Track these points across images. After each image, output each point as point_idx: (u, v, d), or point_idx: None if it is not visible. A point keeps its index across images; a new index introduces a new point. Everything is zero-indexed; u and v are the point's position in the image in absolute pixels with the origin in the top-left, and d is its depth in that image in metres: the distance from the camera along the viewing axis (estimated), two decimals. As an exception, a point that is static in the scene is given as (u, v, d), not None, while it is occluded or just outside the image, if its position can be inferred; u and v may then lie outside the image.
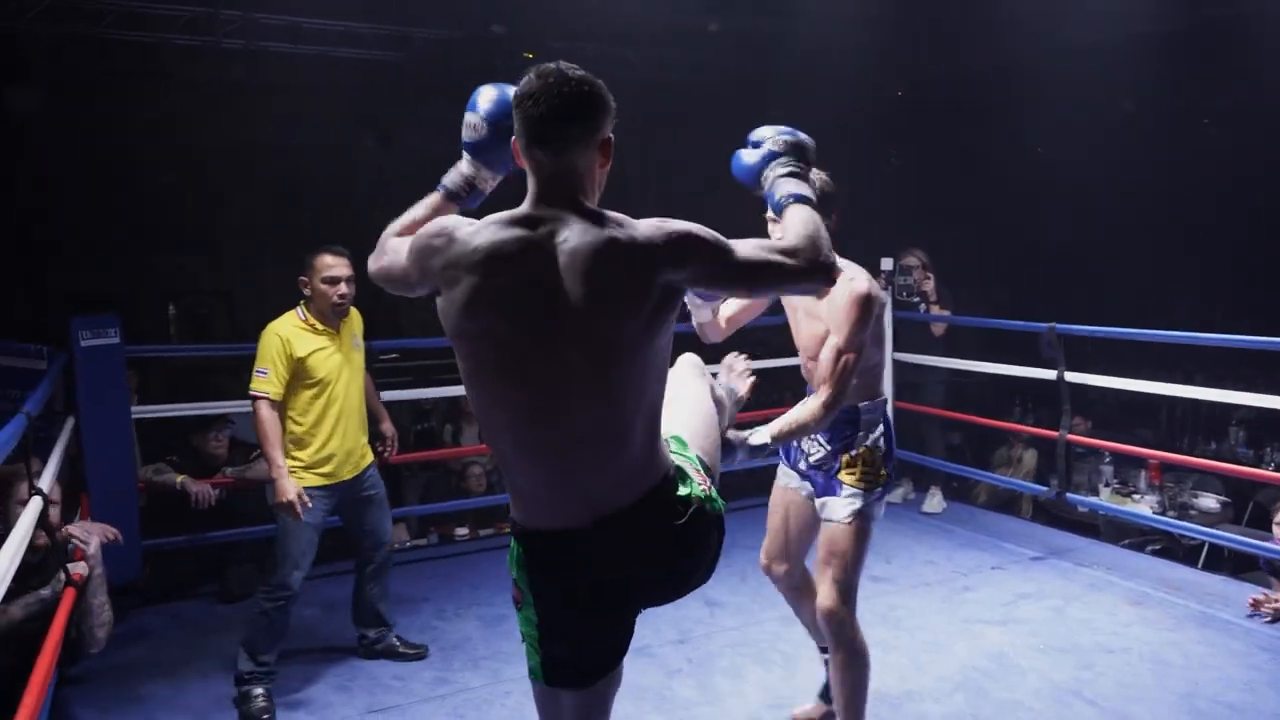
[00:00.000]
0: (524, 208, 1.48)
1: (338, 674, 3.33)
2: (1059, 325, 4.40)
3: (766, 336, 4.66)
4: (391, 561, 3.45)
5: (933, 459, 5.22)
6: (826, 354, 2.34)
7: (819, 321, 2.44)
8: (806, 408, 2.32)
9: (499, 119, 1.67)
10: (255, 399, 3.05)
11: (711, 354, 2.20)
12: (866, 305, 2.32)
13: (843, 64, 7.06)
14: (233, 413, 4.48)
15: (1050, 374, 4.48)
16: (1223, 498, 5.13)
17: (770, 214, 1.94)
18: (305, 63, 6.78)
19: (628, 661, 3.27)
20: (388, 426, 3.57)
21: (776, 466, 2.74)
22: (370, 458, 3.35)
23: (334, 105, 7.45)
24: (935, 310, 5.23)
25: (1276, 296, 6.82)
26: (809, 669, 3.21)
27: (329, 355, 3.14)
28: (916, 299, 5.21)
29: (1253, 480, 4.92)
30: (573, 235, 1.42)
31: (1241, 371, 6.02)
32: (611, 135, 1.53)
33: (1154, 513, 4.91)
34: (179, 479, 4.00)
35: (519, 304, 1.42)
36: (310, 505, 3.02)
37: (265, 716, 2.98)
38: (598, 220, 1.44)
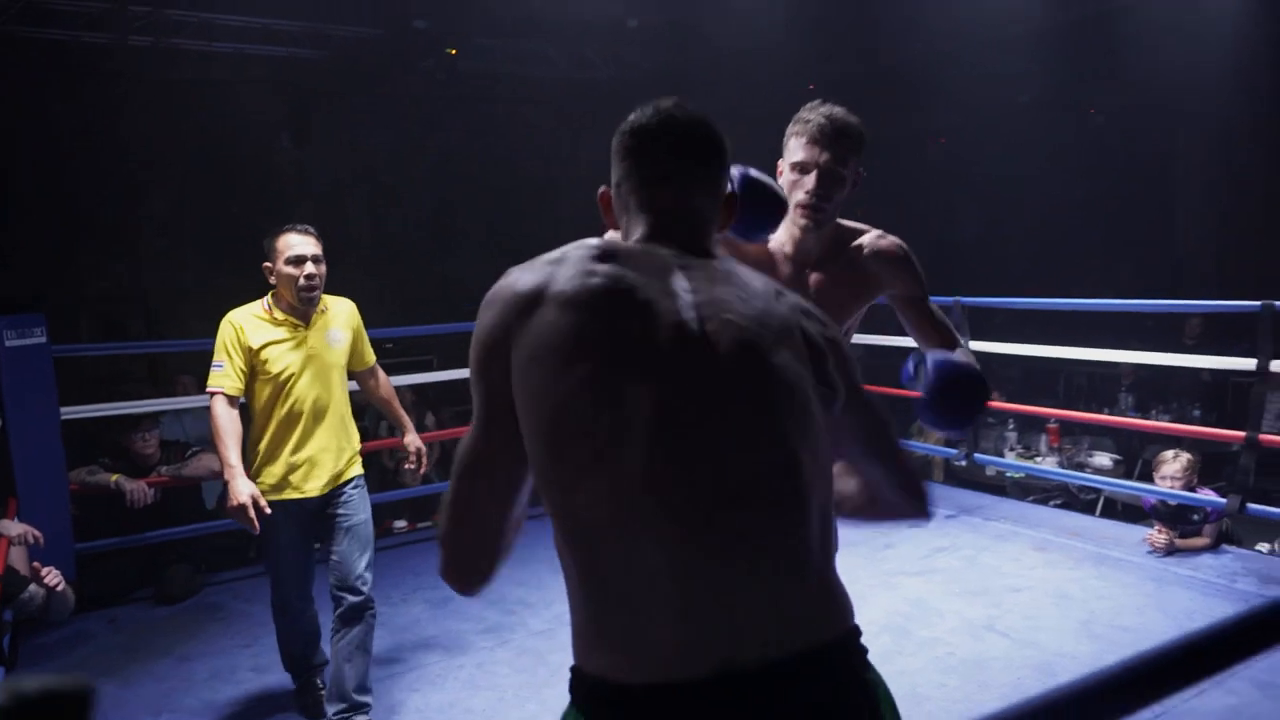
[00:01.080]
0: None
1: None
2: (963, 298, 4.72)
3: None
4: (368, 616, 2.78)
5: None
6: (925, 316, 2.00)
7: (850, 293, 2.02)
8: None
9: None
10: (211, 395, 2.71)
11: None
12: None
13: (759, 58, 7.32)
14: (161, 411, 4.47)
15: (957, 344, 4.80)
16: (1115, 455, 5.56)
17: None
18: (223, 60, 6.71)
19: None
20: (411, 439, 3.10)
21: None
22: (352, 473, 2.87)
23: (253, 103, 7.37)
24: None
25: (1151, 268, 7.35)
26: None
27: (290, 348, 2.73)
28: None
29: (1141, 436, 5.35)
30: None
31: (1128, 340, 6.50)
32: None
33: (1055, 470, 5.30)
34: (113, 478, 3.98)
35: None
36: (268, 511, 2.63)
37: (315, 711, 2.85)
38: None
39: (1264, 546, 4.16)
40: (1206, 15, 6.35)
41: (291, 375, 2.73)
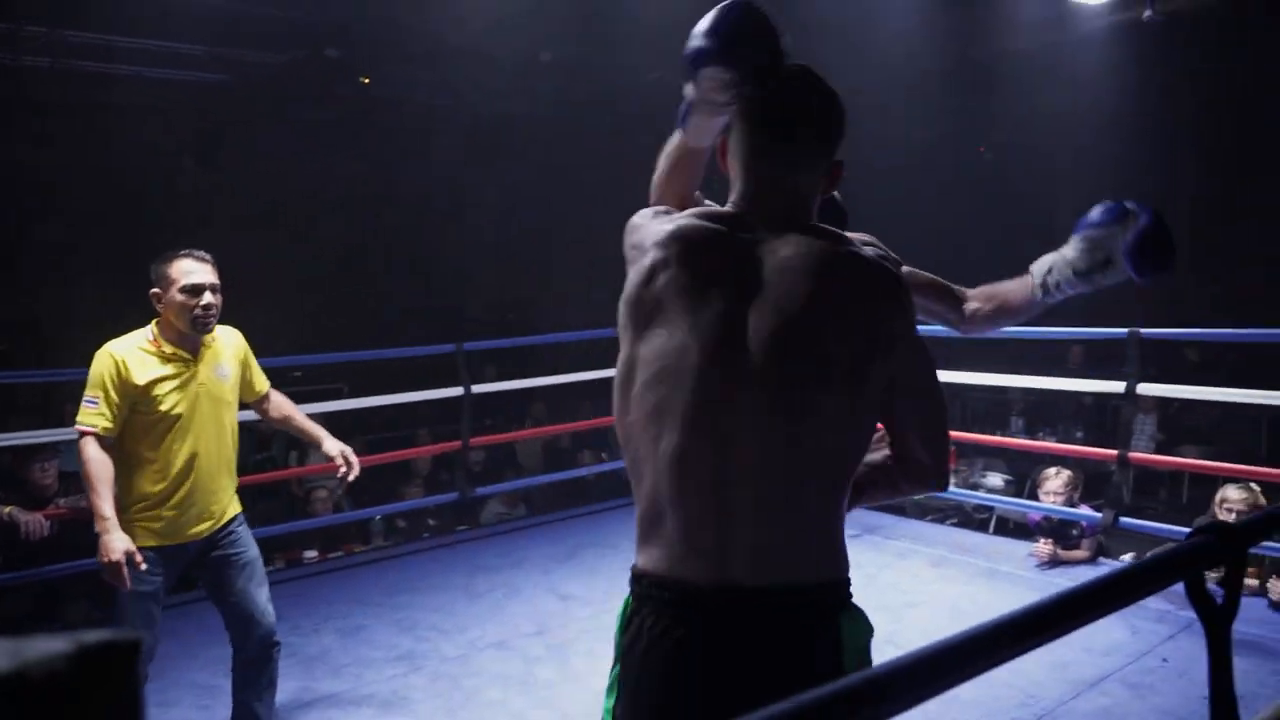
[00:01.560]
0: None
1: (197, 693, 3.31)
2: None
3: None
4: (275, 651, 2.70)
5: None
6: None
7: None
8: None
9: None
10: (81, 434, 2.46)
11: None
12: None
13: (667, 95, 7.52)
14: (60, 441, 4.32)
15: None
16: (1006, 475, 5.88)
17: None
18: (125, 83, 6.56)
19: (491, 654, 3.47)
20: (330, 445, 2.87)
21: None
22: (234, 511, 2.72)
23: (156, 128, 7.21)
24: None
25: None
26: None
27: (179, 385, 2.54)
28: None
29: (1030, 457, 5.68)
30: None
31: (1020, 366, 6.89)
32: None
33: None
34: (6, 510, 3.82)
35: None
36: (143, 567, 2.44)
37: None
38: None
39: (1127, 557, 4.46)
40: (1083, 61, 6.86)
41: (180, 414, 2.54)
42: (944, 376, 5.02)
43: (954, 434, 5.83)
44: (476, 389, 4.99)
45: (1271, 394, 4.00)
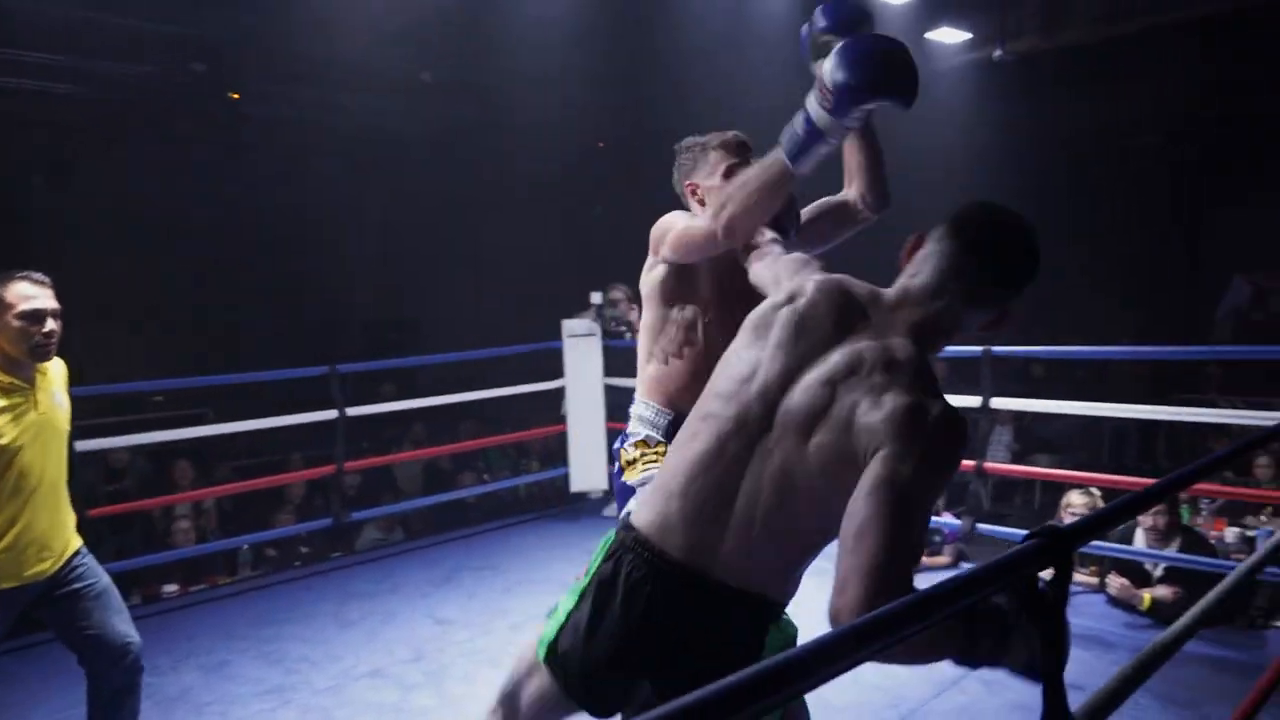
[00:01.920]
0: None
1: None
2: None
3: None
4: (139, 681, 2.59)
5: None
6: None
7: None
8: None
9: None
10: None
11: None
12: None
13: (552, 117, 7.59)
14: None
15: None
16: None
17: None
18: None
19: (365, 683, 3.37)
20: None
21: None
22: (75, 544, 2.58)
23: (6, 142, 6.74)
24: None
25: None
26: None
27: (15, 415, 2.39)
28: (624, 328, 5.73)
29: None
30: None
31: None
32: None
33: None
34: None
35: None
36: None
37: None
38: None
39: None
40: (939, 97, 7.28)
41: (20, 446, 2.38)
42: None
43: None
44: (352, 412, 4.86)
45: (1111, 406, 4.32)
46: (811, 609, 1.48)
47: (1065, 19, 6.54)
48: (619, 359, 5.78)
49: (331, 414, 4.80)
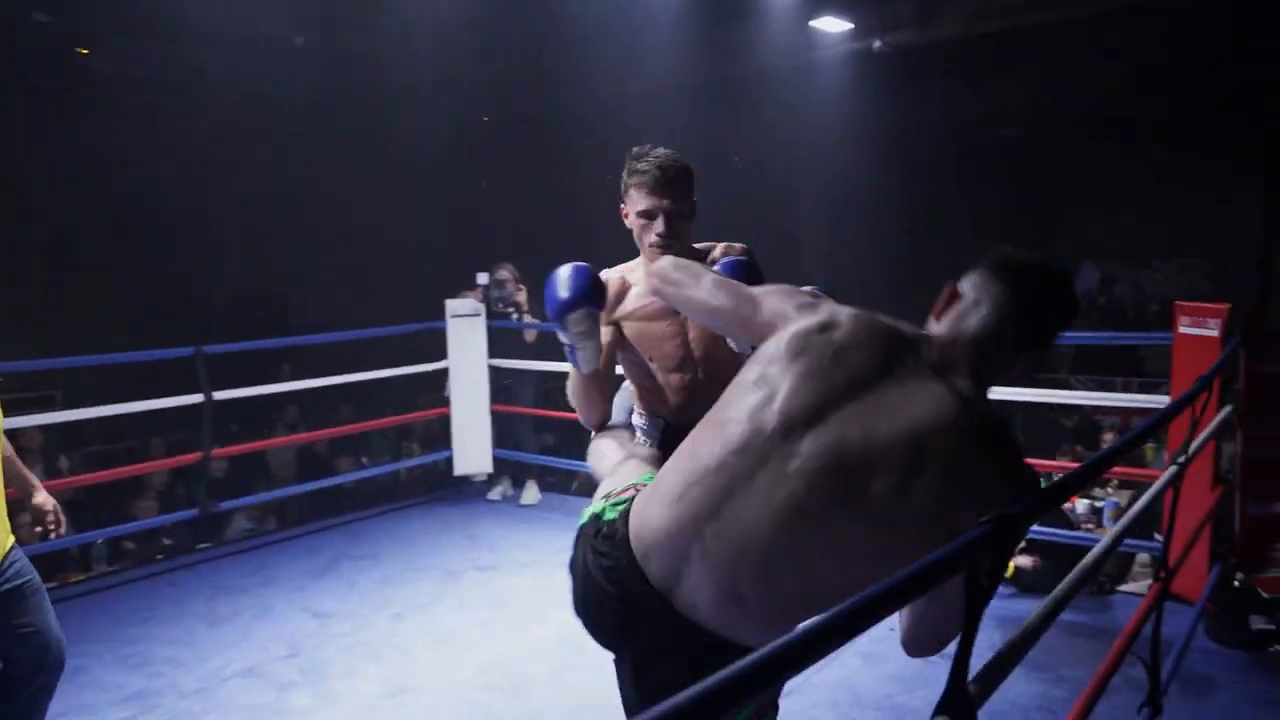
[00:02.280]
0: None
1: None
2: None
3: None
4: (56, 682, 2.51)
5: (528, 455, 5.67)
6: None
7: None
8: None
9: None
10: None
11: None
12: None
13: (436, 88, 7.34)
14: None
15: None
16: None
17: None
18: None
19: (237, 684, 3.20)
20: (44, 499, 2.59)
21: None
22: (10, 541, 2.45)
23: None
24: (528, 319, 5.68)
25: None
26: (425, 656, 3.41)
27: None
28: (511, 309, 5.62)
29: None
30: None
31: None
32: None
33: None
34: None
35: None
36: None
37: None
38: None
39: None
40: (823, 84, 7.45)
41: None
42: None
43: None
44: (219, 395, 4.60)
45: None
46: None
47: (938, 14, 6.77)
48: (504, 340, 5.68)
49: (197, 398, 4.52)
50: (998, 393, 1.35)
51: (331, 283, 8.11)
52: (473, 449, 5.59)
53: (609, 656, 2.37)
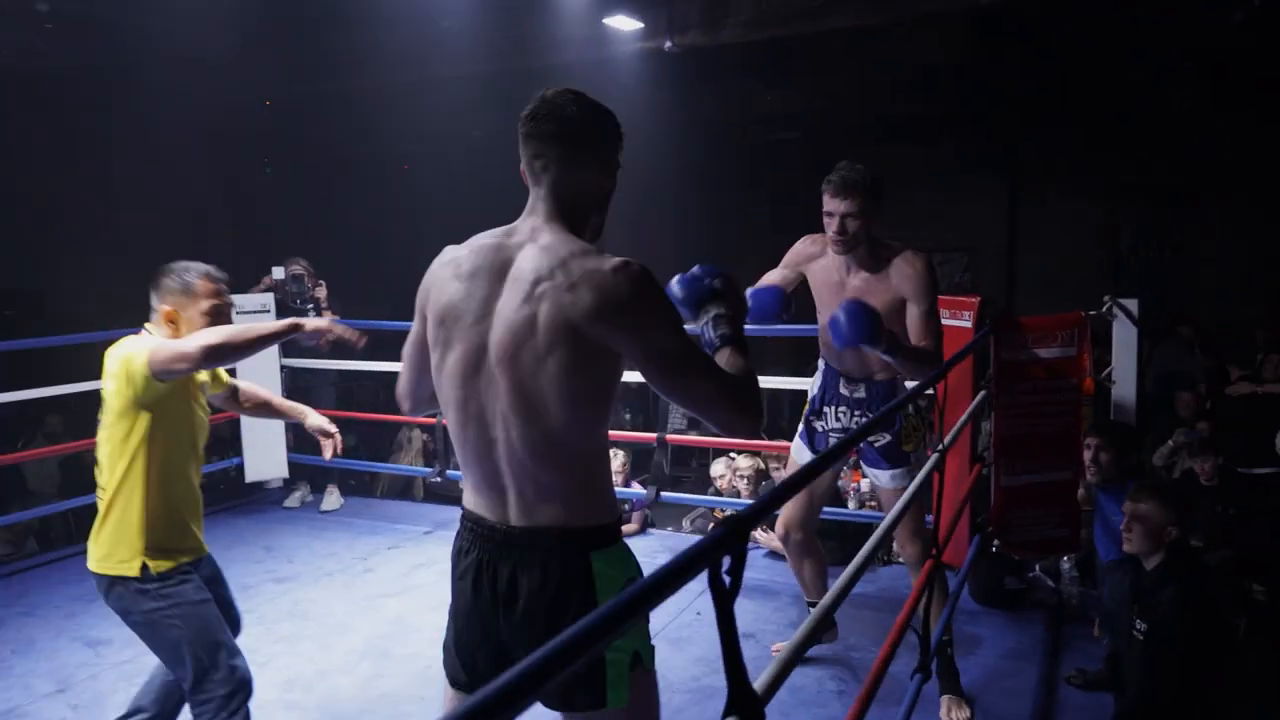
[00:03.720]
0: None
1: None
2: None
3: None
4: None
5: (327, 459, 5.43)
6: (915, 319, 2.68)
7: (875, 297, 2.68)
8: (921, 352, 2.60)
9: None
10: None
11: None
12: (935, 272, 2.75)
13: (206, 68, 6.80)
14: None
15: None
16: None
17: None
18: None
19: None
20: (316, 420, 2.73)
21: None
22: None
23: None
24: (327, 315, 5.42)
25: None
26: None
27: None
28: (309, 305, 5.35)
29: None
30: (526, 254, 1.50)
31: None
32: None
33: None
34: None
35: None
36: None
37: None
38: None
39: (686, 524, 5.08)
40: (617, 81, 7.58)
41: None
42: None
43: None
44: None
45: (765, 379, 4.81)
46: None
47: (721, 20, 7.06)
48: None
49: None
50: (786, 381, 1.48)
51: (91, 276, 7.32)
52: (265, 454, 5.29)
53: (419, 665, 2.35)
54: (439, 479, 5.14)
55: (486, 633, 1.51)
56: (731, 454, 4.96)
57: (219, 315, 2.38)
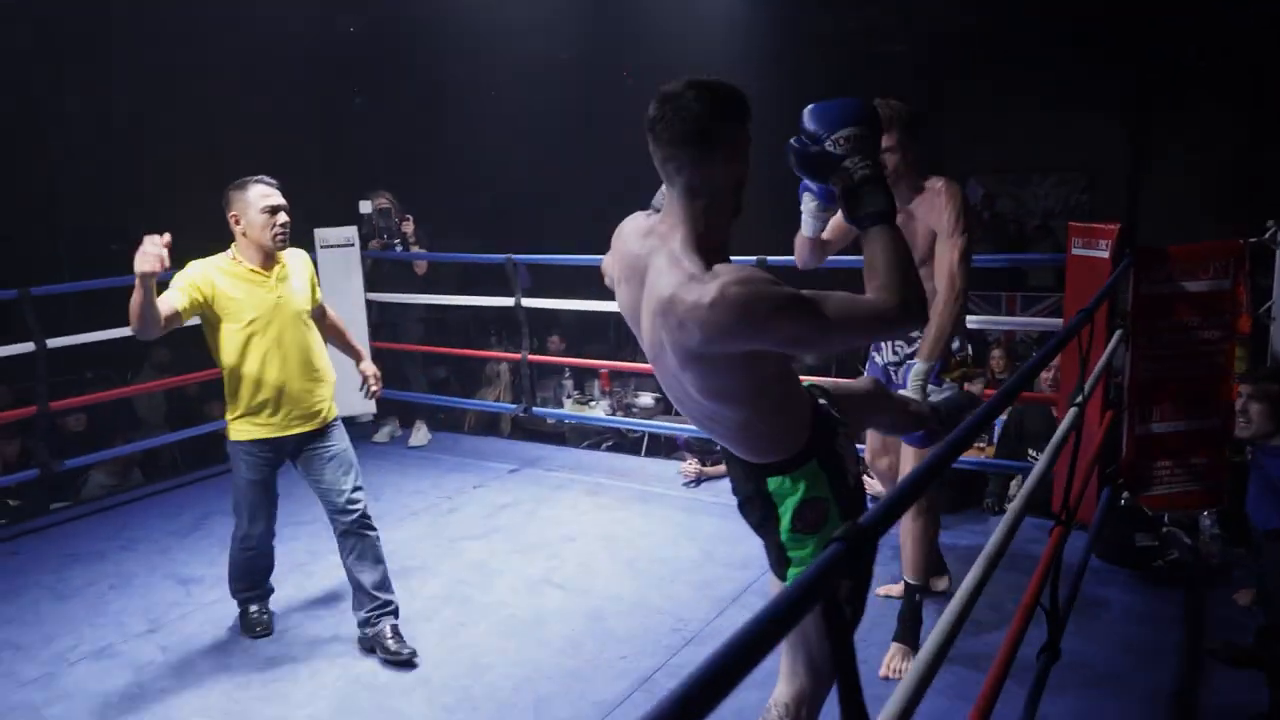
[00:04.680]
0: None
1: None
2: (515, 255, 4.80)
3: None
4: (368, 531, 2.98)
5: (416, 394, 5.37)
6: (941, 255, 2.51)
7: (914, 233, 2.54)
8: (937, 312, 2.45)
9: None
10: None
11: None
12: (963, 195, 2.56)
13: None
14: None
15: (509, 301, 4.90)
16: (656, 394, 6.12)
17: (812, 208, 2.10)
18: None
19: (87, 668, 2.88)
20: (367, 365, 3.35)
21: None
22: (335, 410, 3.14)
23: None
24: (415, 249, 5.31)
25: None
26: (305, 625, 3.16)
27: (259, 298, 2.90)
28: (396, 240, 5.24)
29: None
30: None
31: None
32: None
33: (606, 414, 5.71)
34: None
35: None
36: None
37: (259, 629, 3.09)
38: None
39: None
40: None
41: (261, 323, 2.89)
42: (585, 306, 4.85)
43: (601, 363, 5.99)
44: (53, 343, 4.12)
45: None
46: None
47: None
48: (390, 273, 5.32)
49: (27, 346, 4.05)
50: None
51: (194, 215, 7.39)
52: (354, 389, 5.24)
53: (503, 614, 2.21)
54: (525, 414, 5.02)
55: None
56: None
57: (274, 213, 2.83)
